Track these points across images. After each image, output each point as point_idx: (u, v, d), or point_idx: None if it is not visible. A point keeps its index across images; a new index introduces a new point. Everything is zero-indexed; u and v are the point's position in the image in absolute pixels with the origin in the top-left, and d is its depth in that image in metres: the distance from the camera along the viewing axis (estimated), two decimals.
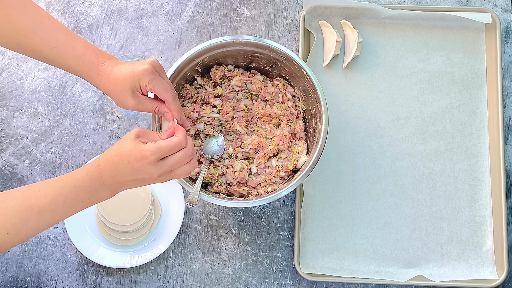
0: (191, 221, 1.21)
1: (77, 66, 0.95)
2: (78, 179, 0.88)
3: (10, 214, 0.85)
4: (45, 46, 0.93)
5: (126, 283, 1.18)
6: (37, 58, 0.96)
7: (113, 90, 0.95)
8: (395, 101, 1.25)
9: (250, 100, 1.17)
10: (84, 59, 0.95)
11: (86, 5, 1.29)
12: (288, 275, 1.19)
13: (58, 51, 0.94)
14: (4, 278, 1.18)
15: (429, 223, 1.20)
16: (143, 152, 0.87)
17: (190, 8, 1.29)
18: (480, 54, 1.27)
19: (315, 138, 1.10)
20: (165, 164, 0.89)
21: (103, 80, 0.95)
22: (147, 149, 0.87)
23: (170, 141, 0.88)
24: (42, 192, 0.87)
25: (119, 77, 0.94)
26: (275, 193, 1.06)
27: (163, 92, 0.96)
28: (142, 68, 0.94)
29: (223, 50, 1.12)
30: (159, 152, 0.87)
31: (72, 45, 0.95)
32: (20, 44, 0.93)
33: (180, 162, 0.90)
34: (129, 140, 0.88)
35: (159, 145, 0.87)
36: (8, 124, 1.23)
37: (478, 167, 1.22)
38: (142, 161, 0.87)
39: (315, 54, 1.26)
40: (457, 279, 1.17)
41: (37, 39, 0.93)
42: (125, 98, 0.95)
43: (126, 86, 0.94)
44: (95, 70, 0.95)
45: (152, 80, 0.94)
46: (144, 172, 0.88)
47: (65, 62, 0.95)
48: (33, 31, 0.92)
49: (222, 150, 1.13)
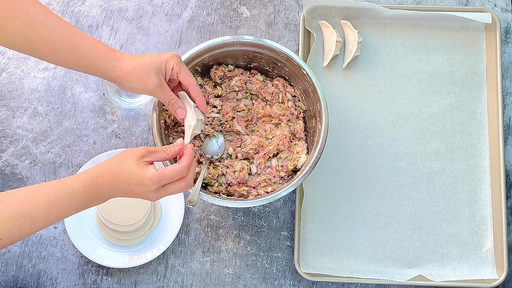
0: (191, 221, 1.21)
1: (90, 52, 0.95)
2: (73, 191, 0.89)
3: (4, 221, 0.86)
4: (55, 36, 0.93)
5: (126, 283, 1.18)
6: (44, 53, 0.95)
7: (135, 69, 0.96)
8: (395, 101, 1.25)
9: (250, 100, 1.17)
10: (97, 45, 0.96)
11: (86, 5, 1.29)
12: (288, 275, 1.19)
13: (69, 39, 0.94)
14: (4, 278, 1.18)
15: (429, 223, 1.20)
16: (144, 180, 0.88)
17: (190, 8, 1.29)
18: (480, 54, 1.26)
19: (315, 138, 1.10)
20: (163, 191, 0.91)
21: (124, 61, 0.96)
22: (149, 178, 0.88)
23: (173, 171, 0.90)
24: (36, 200, 0.87)
25: (143, 59, 0.97)
26: (275, 193, 1.06)
27: (187, 76, 1.00)
28: (169, 54, 0.98)
29: (223, 50, 1.12)
30: (161, 182, 0.89)
31: (82, 35, 0.96)
32: (28, 38, 0.92)
33: (179, 190, 0.93)
34: (132, 162, 0.89)
35: (161, 175, 0.89)
36: (8, 124, 1.23)
37: (478, 167, 1.22)
38: (142, 187, 0.89)
39: (315, 54, 1.26)
40: (457, 279, 1.17)
41: (46, 30, 0.93)
42: (148, 76, 0.96)
43: (152, 66, 0.97)
44: (111, 54, 0.97)
45: (179, 63, 0.99)
46: (142, 195, 0.91)
47: (76, 51, 0.95)
48: (43, 23, 0.92)
49: (222, 150, 1.13)
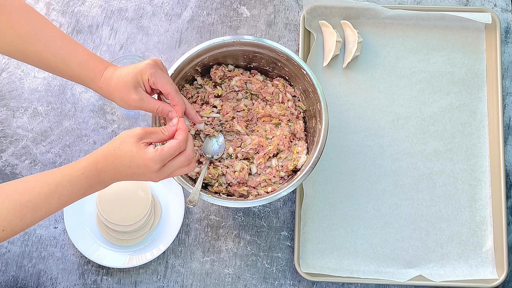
0: (191, 221, 1.21)
1: (81, 71, 0.96)
2: (73, 178, 0.88)
3: (5, 212, 0.85)
4: (48, 52, 0.93)
5: (126, 283, 1.18)
6: (39, 66, 0.96)
7: (116, 89, 0.95)
8: (395, 101, 1.25)
9: (250, 100, 1.17)
10: (88, 64, 0.96)
11: (86, 5, 1.29)
12: (288, 275, 1.19)
13: (61, 57, 0.94)
14: (4, 278, 1.18)
15: (429, 223, 1.20)
16: (146, 161, 0.88)
17: (190, 8, 1.29)
18: (480, 54, 1.26)
19: (315, 138, 1.10)
20: (165, 170, 0.90)
21: (106, 81, 0.96)
22: (150, 158, 0.88)
23: (172, 147, 0.89)
24: (36, 189, 0.87)
25: (122, 74, 0.95)
26: (275, 193, 1.06)
27: (165, 85, 0.96)
28: (144, 63, 0.95)
29: (223, 50, 1.12)
30: (162, 161, 0.89)
31: (75, 52, 0.96)
32: (22, 50, 0.93)
33: (180, 166, 0.92)
34: (131, 144, 0.88)
35: (162, 153, 0.88)
36: (8, 124, 1.23)
37: (478, 167, 1.22)
38: (143, 169, 0.88)
39: (315, 54, 1.26)
40: (457, 279, 1.17)
41: (40, 46, 0.93)
42: (128, 94, 0.95)
43: (129, 81, 0.95)
44: (99, 74, 0.96)
45: (155, 73, 0.95)
46: (145, 177, 0.90)
47: (68, 68, 0.95)
48: (36, 38, 0.92)
49: (222, 150, 1.13)
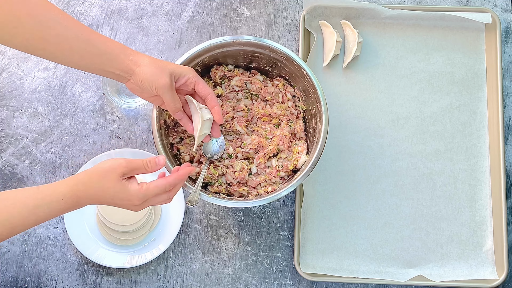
0: (191, 221, 1.21)
1: (107, 48, 0.96)
2: (52, 202, 0.89)
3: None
4: (71, 34, 0.94)
5: (126, 283, 1.18)
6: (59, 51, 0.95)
7: (150, 65, 0.97)
8: (395, 101, 1.25)
9: (250, 100, 1.17)
10: (113, 41, 0.98)
11: (86, 5, 1.29)
12: (288, 275, 1.19)
13: (85, 37, 0.95)
14: (4, 278, 1.18)
15: (429, 223, 1.20)
16: (129, 197, 0.91)
17: (190, 8, 1.29)
18: (480, 54, 1.26)
19: (315, 138, 1.10)
20: (146, 204, 0.93)
21: (141, 56, 0.98)
22: (133, 195, 0.91)
23: (158, 186, 0.92)
24: (15, 209, 0.87)
25: (160, 61, 0.99)
26: (275, 193, 1.06)
27: (206, 87, 1.02)
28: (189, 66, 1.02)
29: (223, 50, 1.12)
30: (145, 198, 0.91)
31: (97, 32, 0.97)
32: (43, 37, 0.93)
33: (161, 202, 0.95)
34: (114, 181, 0.90)
35: (146, 192, 0.91)
36: (8, 124, 1.23)
37: (478, 167, 1.22)
38: (126, 201, 0.91)
39: (315, 54, 1.26)
40: (457, 279, 1.17)
41: (61, 29, 0.93)
42: (161, 75, 0.97)
43: (167, 68, 0.98)
44: (128, 49, 0.98)
45: (197, 76, 1.02)
46: (125, 207, 0.93)
47: (93, 47, 0.95)
48: (57, 22, 0.93)
49: (222, 150, 1.13)
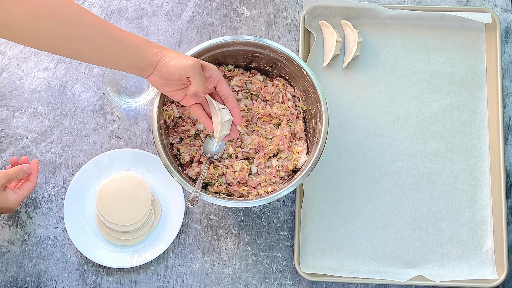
0: (191, 221, 1.21)
1: (132, 43, 0.97)
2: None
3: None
4: (95, 32, 0.93)
5: (126, 283, 1.18)
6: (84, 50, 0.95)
7: (176, 53, 0.99)
8: (395, 101, 1.25)
9: (250, 100, 1.17)
10: (137, 36, 0.98)
11: (86, 5, 1.29)
12: (288, 275, 1.19)
13: (110, 34, 0.95)
14: (4, 278, 1.18)
15: (429, 223, 1.20)
16: (8, 204, 1.07)
17: (190, 8, 1.29)
18: (480, 54, 1.26)
19: (315, 138, 1.10)
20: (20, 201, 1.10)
21: (165, 49, 1.00)
22: (12, 203, 1.08)
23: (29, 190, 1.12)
24: None
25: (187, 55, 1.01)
26: (275, 193, 1.06)
27: (227, 88, 1.04)
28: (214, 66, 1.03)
29: (223, 50, 1.12)
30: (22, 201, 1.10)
31: (119, 28, 0.97)
32: (67, 36, 0.92)
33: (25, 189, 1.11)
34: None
35: (22, 197, 1.10)
36: (8, 124, 1.23)
37: (478, 167, 1.22)
38: (4, 205, 1.06)
39: (315, 54, 1.26)
40: (457, 279, 1.17)
41: (85, 28, 0.93)
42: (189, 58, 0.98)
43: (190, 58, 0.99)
44: (152, 43, 0.99)
45: (221, 76, 1.04)
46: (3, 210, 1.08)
47: (119, 43, 0.95)
48: (81, 21, 0.92)
49: (222, 150, 1.13)
